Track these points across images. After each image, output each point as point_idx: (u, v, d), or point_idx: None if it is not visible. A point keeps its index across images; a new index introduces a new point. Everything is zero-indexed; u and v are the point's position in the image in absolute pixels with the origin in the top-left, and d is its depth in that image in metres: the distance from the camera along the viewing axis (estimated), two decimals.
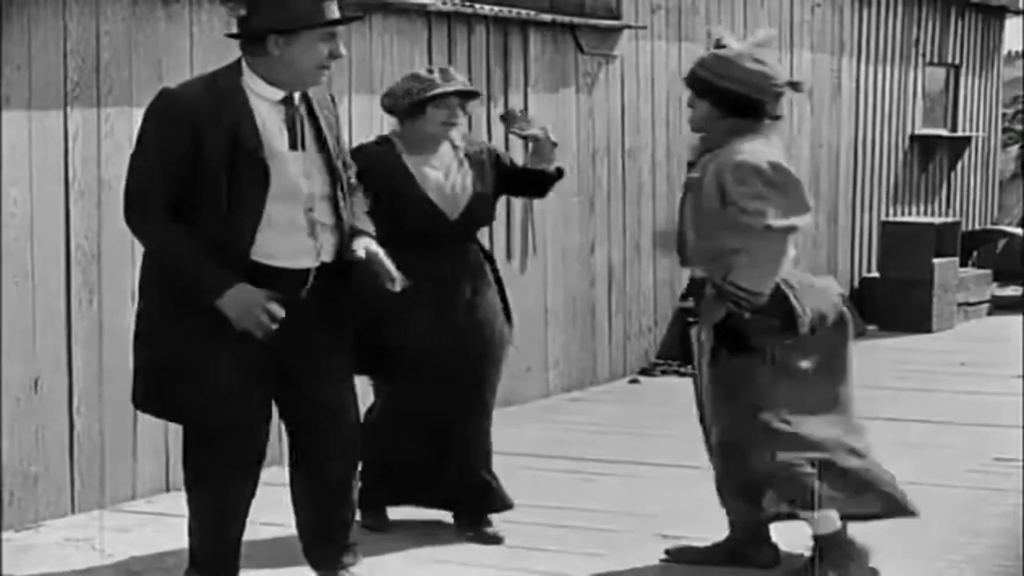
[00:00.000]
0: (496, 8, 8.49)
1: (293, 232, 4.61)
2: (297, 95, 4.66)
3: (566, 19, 9.07)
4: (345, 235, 4.72)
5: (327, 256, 4.70)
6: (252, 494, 4.80)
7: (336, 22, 4.57)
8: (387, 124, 7.89)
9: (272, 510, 5.25)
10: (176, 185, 4.51)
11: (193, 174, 4.50)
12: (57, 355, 6.15)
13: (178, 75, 6.52)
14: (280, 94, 4.59)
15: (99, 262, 6.29)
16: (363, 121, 7.70)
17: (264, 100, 4.59)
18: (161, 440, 6.49)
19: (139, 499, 6.45)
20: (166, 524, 5.99)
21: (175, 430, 5.91)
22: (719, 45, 5.23)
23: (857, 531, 5.98)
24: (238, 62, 4.64)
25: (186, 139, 4.48)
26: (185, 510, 4.91)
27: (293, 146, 4.61)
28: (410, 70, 8.00)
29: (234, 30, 4.68)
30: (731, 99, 5.13)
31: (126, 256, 6.32)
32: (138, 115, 6.31)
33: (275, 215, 4.56)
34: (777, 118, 5.24)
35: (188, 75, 6.54)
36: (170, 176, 4.51)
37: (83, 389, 6.23)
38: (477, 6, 8.31)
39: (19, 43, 5.95)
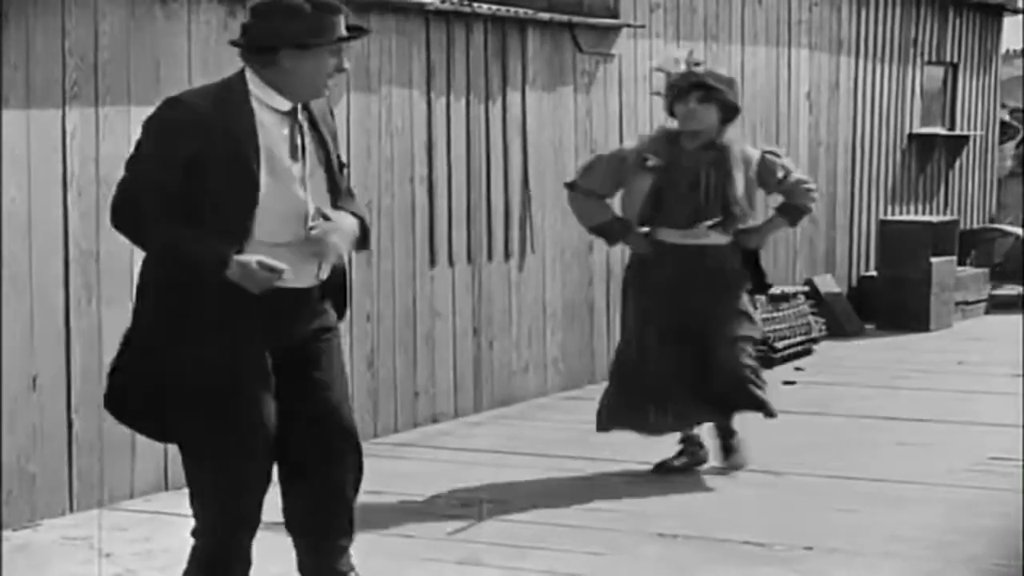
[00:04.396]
0: (494, 7, 8.49)
1: (296, 250, 4.55)
2: (299, 106, 4.63)
3: (564, 18, 9.07)
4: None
5: (325, 273, 4.65)
6: (263, 495, 4.76)
7: (347, 38, 4.57)
8: (384, 125, 7.91)
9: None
10: (171, 195, 4.43)
11: (187, 188, 4.44)
12: (55, 354, 6.15)
13: (176, 75, 6.53)
14: (287, 104, 4.54)
15: (97, 261, 6.29)
16: (361, 121, 7.70)
17: (271, 111, 4.52)
18: None
19: (137, 498, 6.45)
20: (164, 523, 6.00)
21: None
22: (696, 63, 6.91)
23: (854, 529, 5.99)
24: (243, 71, 4.58)
25: (187, 154, 4.40)
26: (183, 509, 4.89)
27: (294, 157, 4.56)
28: (408, 69, 8.04)
29: (238, 38, 4.63)
30: (733, 107, 6.86)
31: (124, 255, 6.32)
32: (136, 114, 6.35)
33: (275, 231, 4.50)
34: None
35: (186, 74, 6.57)
36: (166, 186, 4.41)
37: (81, 388, 6.23)
38: (475, 5, 8.30)
39: (18, 43, 5.94)
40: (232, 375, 4.49)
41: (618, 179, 6.94)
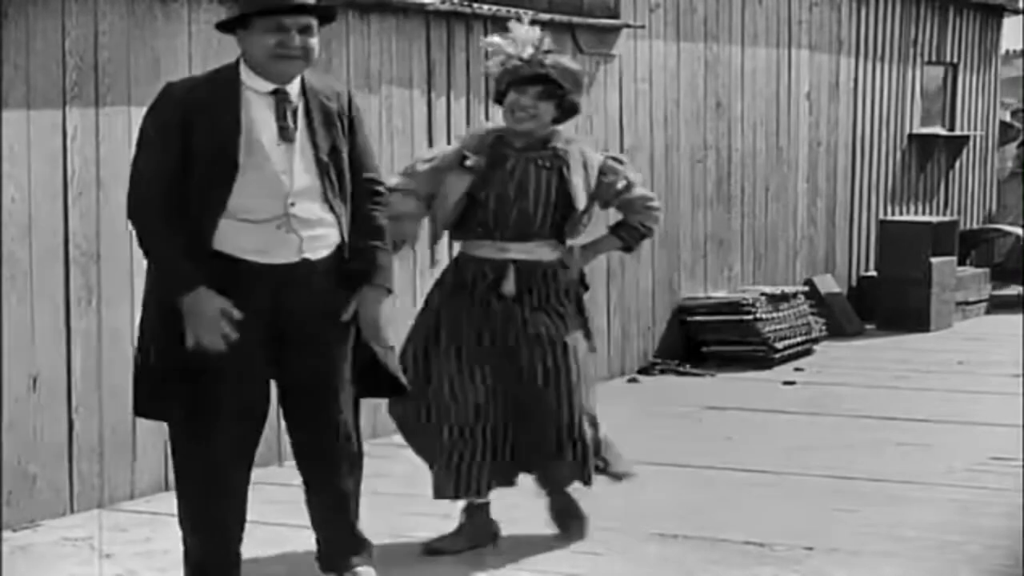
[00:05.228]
0: (494, 7, 8.48)
1: (271, 227, 4.60)
2: (296, 88, 4.66)
3: (564, 18, 9.07)
4: (343, 234, 4.73)
5: (311, 253, 4.66)
6: (246, 490, 4.79)
7: (278, 11, 4.56)
8: (384, 125, 7.90)
9: (263, 509, 5.25)
10: (174, 180, 4.53)
11: (184, 166, 4.53)
12: (56, 354, 6.15)
13: (176, 74, 6.51)
14: (270, 86, 4.62)
15: (98, 262, 6.29)
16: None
17: (256, 92, 4.62)
18: (160, 440, 6.48)
19: (137, 499, 6.45)
20: (164, 524, 5.98)
21: None
22: (547, 51, 5.86)
23: (854, 529, 5.99)
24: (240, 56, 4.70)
25: (177, 133, 4.54)
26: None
27: (281, 139, 4.61)
28: (408, 69, 8.04)
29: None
30: (572, 108, 5.78)
31: (125, 255, 6.32)
32: (136, 114, 6.33)
33: (254, 208, 4.56)
34: None
35: (186, 74, 6.55)
36: (167, 171, 4.54)
37: (81, 389, 6.23)
38: (475, 5, 8.30)
39: (18, 43, 5.94)
40: (205, 359, 4.53)
41: (437, 180, 5.72)
